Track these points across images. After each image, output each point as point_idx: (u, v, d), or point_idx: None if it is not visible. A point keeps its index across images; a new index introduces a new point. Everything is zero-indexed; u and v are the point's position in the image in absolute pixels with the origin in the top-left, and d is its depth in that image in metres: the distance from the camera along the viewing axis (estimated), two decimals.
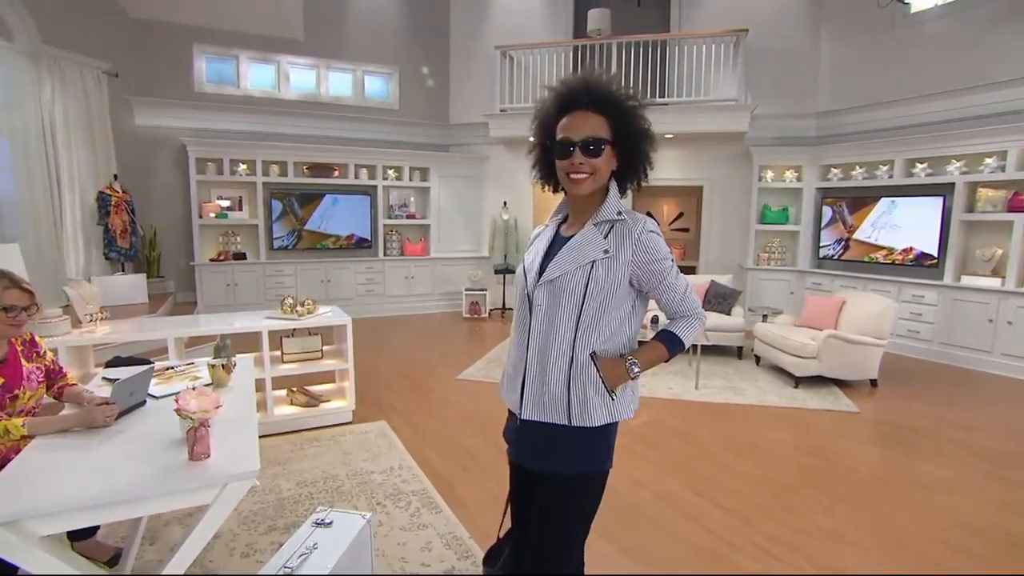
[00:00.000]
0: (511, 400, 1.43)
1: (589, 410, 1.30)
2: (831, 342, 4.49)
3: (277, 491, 2.84)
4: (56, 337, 2.99)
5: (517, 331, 1.42)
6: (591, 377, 1.30)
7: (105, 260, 5.91)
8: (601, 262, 1.28)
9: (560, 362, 1.30)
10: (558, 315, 1.29)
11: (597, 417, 1.31)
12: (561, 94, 1.35)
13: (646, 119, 1.36)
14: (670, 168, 7.48)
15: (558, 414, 1.33)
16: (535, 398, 1.35)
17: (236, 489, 1.55)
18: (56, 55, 5.63)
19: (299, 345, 3.81)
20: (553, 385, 1.32)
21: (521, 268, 1.46)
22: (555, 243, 1.40)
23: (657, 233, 1.32)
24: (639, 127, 1.34)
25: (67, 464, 1.61)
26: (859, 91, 6.51)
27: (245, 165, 7.04)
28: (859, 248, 6.32)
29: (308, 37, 7.52)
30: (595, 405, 1.31)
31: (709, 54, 6.57)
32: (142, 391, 2.04)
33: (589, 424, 1.31)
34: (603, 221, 1.33)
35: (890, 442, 3.64)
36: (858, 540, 2.44)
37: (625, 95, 1.33)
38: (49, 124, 5.58)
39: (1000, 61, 5.34)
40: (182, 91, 6.91)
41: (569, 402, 1.31)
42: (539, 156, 1.44)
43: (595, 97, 1.31)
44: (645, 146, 1.37)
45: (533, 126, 1.42)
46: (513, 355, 1.43)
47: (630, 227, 1.31)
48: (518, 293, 1.43)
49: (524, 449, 1.42)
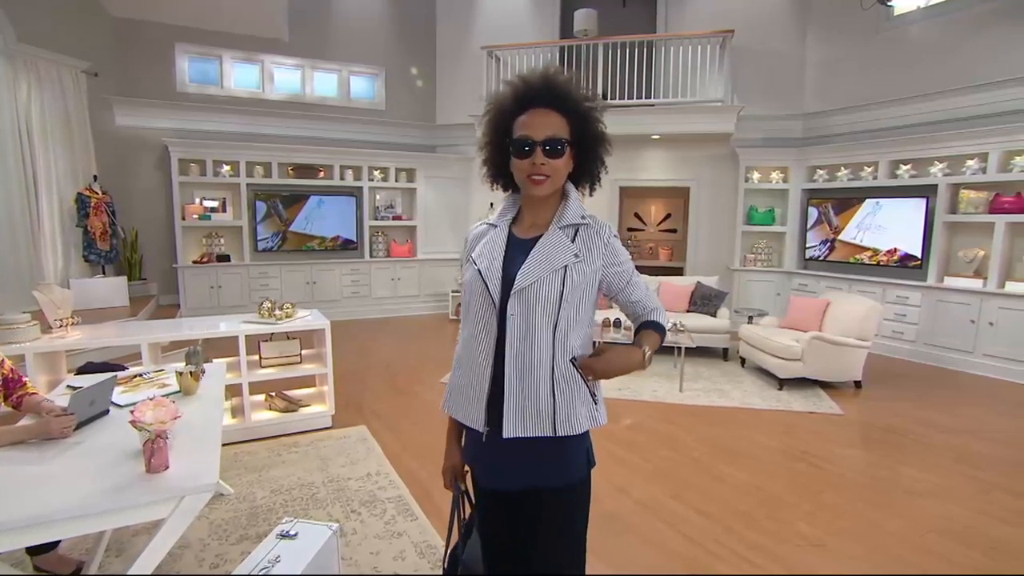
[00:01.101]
0: (473, 417, 1.30)
1: (575, 418, 1.26)
2: (815, 344, 4.49)
3: (251, 499, 2.79)
4: (24, 343, 2.92)
5: (477, 341, 1.29)
6: (574, 384, 1.26)
7: (85, 263, 5.81)
8: (573, 266, 1.25)
9: (543, 372, 1.24)
10: (535, 323, 1.23)
11: (582, 424, 1.27)
12: (520, 90, 1.28)
13: (603, 122, 1.31)
14: (657, 169, 7.48)
15: (543, 426, 1.25)
16: (518, 413, 1.25)
17: (193, 502, 1.50)
18: (32, 54, 5.53)
19: (277, 349, 3.75)
20: (538, 397, 1.24)
21: (475, 273, 1.30)
22: (512, 246, 1.32)
23: (617, 236, 1.34)
24: (596, 130, 1.30)
25: (18, 479, 1.55)
26: (844, 93, 6.54)
27: (229, 166, 6.95)
28: (844, 249, 6.34)
29: (293, 37, 7.45)
30: (579, 413, 1.27)
31: (695, 55, 6.57)
32: (104, 400, 1.98)
33: (574, 432, 1.26)
34: (568, 224, 1.29)
35: (873, 445, 3.63)
36: (839, 548, 2.42)
37: (584, 96, 1.29)
38: (25, 124, 5.48)
39: (983, 63, 5.37)
40: (164, 91, 6.82)
41: (554, 412, 1.25)
42: (491, 154, 1.36)
43: (556, 96, 1.26)
44: (601, 149, 1.33)
45: (484, 121, 1.35)
46: (473, 368, 1.30)
47: (596, 231, 1.29)
48: (477, 301, 1.29)
49: (505, 470, 1.30)
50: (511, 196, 1.41)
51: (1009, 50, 5.20)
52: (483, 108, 1.38)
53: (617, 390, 4.60)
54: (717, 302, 5.77)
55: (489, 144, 1.35)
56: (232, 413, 3.60)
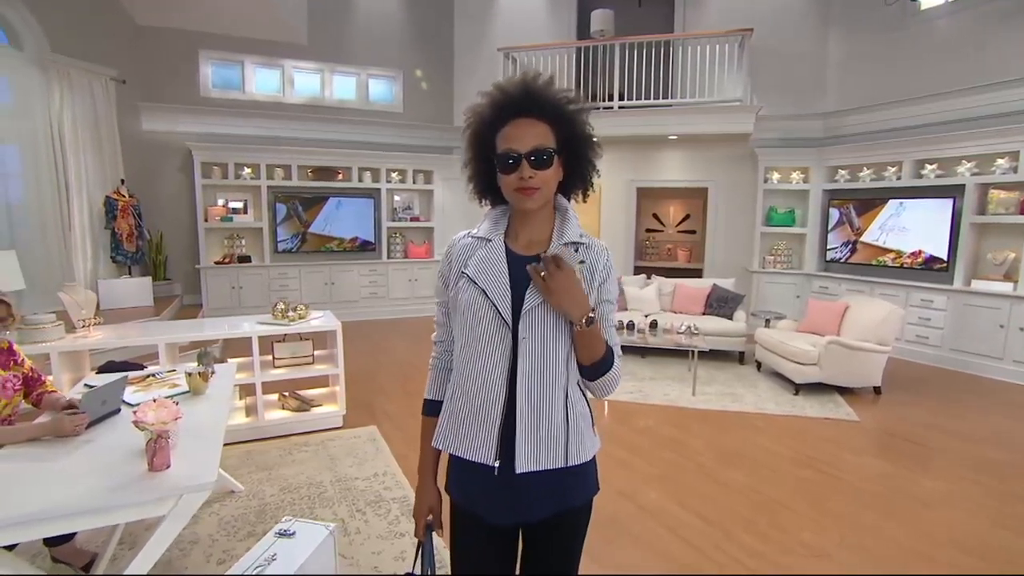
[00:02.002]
0: (481, 451, 1.17)
1: (585, 446, 1.22)
2: (832, 348, 4.40)
3: (260, 496, 2.86)
4: (50, 343, 3.04)
5: (487, 366, 1.16)
6: (582, 411, 1.23)
7: (112, 264, 6.02)
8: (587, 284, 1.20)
9: (558, 398, 1.17)
10: (548, 346, 1.15)
11: (588, 451, 1.23)
12: (499, 100, 1.19)
13: (589, 123, 1.24)
14: (674, 170, 7.41)
15: (556, 457, 1.18)
16: (532, 444, 1.16)
17: (191, 501, 1.55)
18: (65, 63, 5.75)
19: (290, 350, 3.83)
20: (551, 425, 1.17)
21: (475, 291, 1.19)
22: (513, 263, 1.22)
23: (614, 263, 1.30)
24: (583, 132, 1.23)
25: (29, 475, 1.63)
26: (867, 91, 6.38)
27: (250, 169, 7.11)
28: (867, 251, 6.19)
29: (312, 41, 7.59)
30: (587, 439, 1.23)
31: (713, 55, 6.48)
32: (115, 400, 2.06)
33: (581, 460, 1.21)
34: (570, 242, 1.23)
35: (889, 453, 3.55)
36: (843, 558, 2.38)
37: (567, 98, 1.21)
38: (58, 130, 5.70)
39: (1013, 59, 5.18)
40: (188, 96, 7.01)
41: (567, 441, 1.18)
42: (476, 169, 1.29)
43: (538, 103, 1.18)
44: (590, 152, 1.25)
45: (465, 136, 1.27)
46: (482, 395, 1.17)
47: (597, 254, 1.24)
48: (484, 323, 1.17)
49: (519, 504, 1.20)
50: (497, 208, 1.32)
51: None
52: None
53: (628, 393, 4.58)
54: (733, 304, 5.70)
55: (473, 160, 1.28)
56: (246, 412, 3.70)
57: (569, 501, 1.22)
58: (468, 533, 1.27)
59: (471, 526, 1.25)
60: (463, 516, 1.26)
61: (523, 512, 1.20)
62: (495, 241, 1.25)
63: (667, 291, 6.22)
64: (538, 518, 1.21)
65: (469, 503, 1.23)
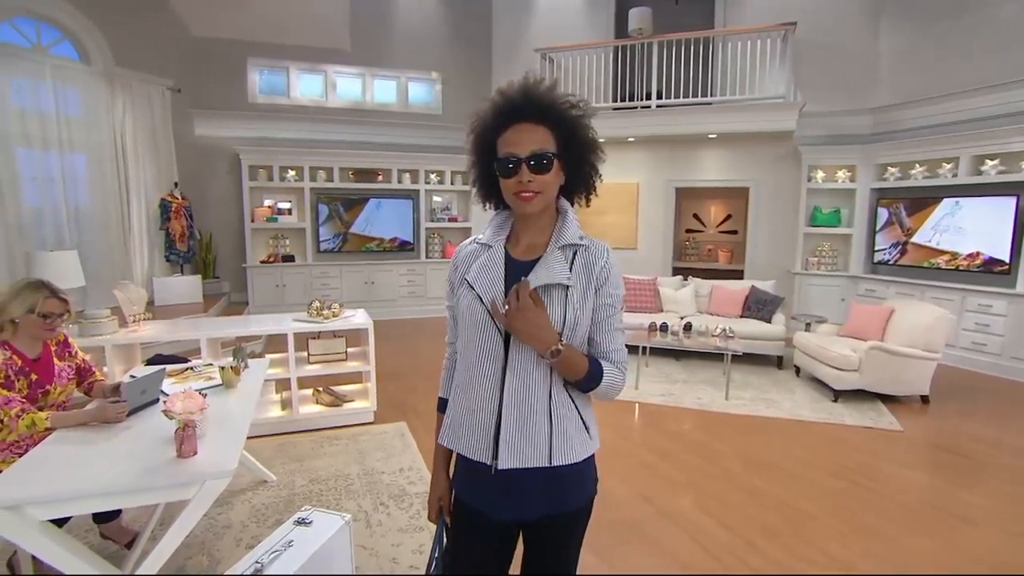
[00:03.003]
0: (479, 450, 1.23)
1: (573, 448, 1.23)
2: (874, 354, 4.21)
3: (291, 487, 2.99)
4: (104, 336, 3.27)
5: (482, 370, 1.22)
6: (569, 413, 1.23)
7: (166, 262, 6.38)
8: (573, 289, 1.20)
9: (540, 401, 1.20)
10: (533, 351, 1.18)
11: (577, 453, 1.24)
12: (500, 105, 1.21)
13: (591, 127, 1.25)
14: (714, 169, 7.25)
15: (539, 457, 1.20)
16: (515, 443, 1.20)
17: (213, 487, 1.65)
18: (127, 75, 6.15)
19: (324, 347, 3.98)
20: (534, 426, 1.20)
21: (472, 297, 1.23)
22: (511, 269, 1.25)
23: (618, 264, 1.26)
24: (585, 137, 1.23)
25: (74, 456, 1.77)
26: (920, 83, 6.05)
27: (294, 171, 7.40)
28: (918, 253, 5.88)
29: (354, 46, 7.82)
30: (575, 441, 1.23)
31: (755, 50, 6.31)
32: (154, 390, 2.21)
33: (570, 461, 1.22)
34: (567, 245, 1.24)
35: (932, 466, 3.38)
36: (868, 572, 2.29)
37: (568, 103, 1.22)
38: (120, 138, 6.10)
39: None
40: (237, 102, 7.36)
41: (551, 442, 1.21)
42: (479, 173, 1.31)
43: (538, 108, 1.20)
44: (592, 157, 1.25)
45: (469, 140, 1.29)
46: (477, 397, 1.23)
47: (595, 255, 1.23)
48: (479, 328, 1.22)
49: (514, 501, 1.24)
50: (501, 213, 1.34)
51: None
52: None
53: (659, 396, 4.53)
54: (772, 307, 5.53)
55: (477, 164, 1.30)
56: (282, 406, 3.86)
57: (563, 502, 1.25)
58: (469, 529, 1.32)
59: (473, 522, 1.30)
60: (466, 510, 1.31)
61: (519, 510, 1.24)
62: (495, 247, 1.28)
63: (704, 293, 6.09)
64: (533, 516, 1.25)
65: (472, 498, 1.28)
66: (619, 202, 7.75)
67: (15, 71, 5.28)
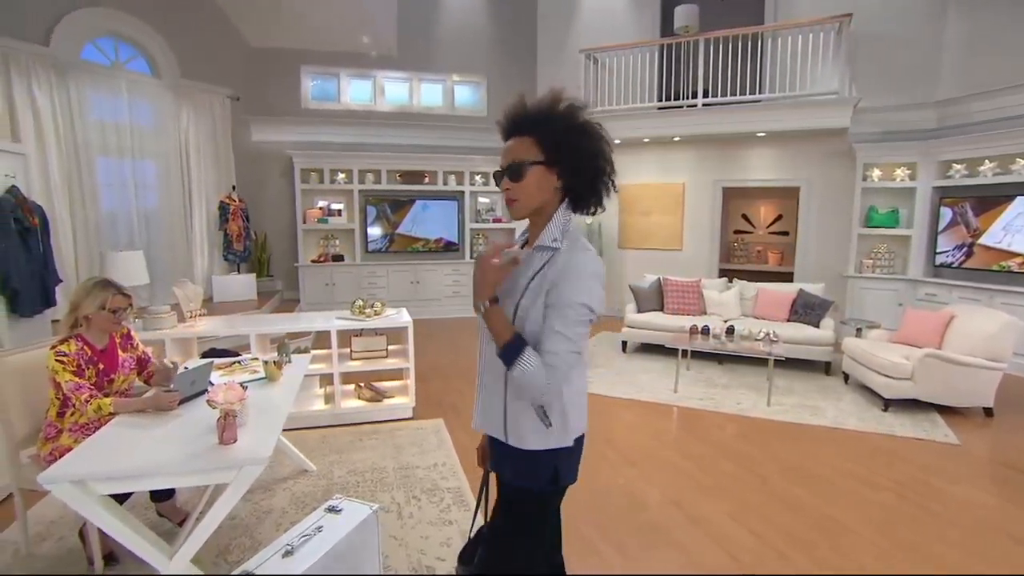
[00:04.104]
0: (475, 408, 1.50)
1: (522, 433, 1.34)
2: (929, 362, 3.99)
3: (329, 476, 3.13)
4: (164, 330, 3.53)
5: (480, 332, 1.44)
6: (523, 405, 1.32)
7: (224, 262, 6.77)
8: (530, 285, 1.30)
9: (498, 379, 1.36)
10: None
11: (530, 442, 1.33)
12: (502, 127, 1.37)
13: (590, 135, 1.29)
14: (763, 168, 7.03)
15: (496, 429, 1.39)
16: (482, 410, 1.44)
17: (250, 472, 1.77)
18: (192, 86, 6.56)
19: (366, 344, 4.13)
20: (492, 402, 1.39)
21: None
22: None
23: (591, 270, 1.27)
24: (576, 142, 1.28)
25: (131, 439, 1.94)
26: (992, 74, 5.65)
27: (344, 174, 7.69)
28: (986, 255, 5.52)
29: (401, 51, 8.04)
30: (527, 430, 1.33)
31: (806, 45, 6.08)
32: (203, 381, 2.37)
33: (521, 447, 1.34)
34: (541, 247, 1.33)
35: (990, 482, 3.18)
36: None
37: (550, 107, 1.29)
38: (184, 145, 6.52)
39: None
40: (290, 108, 7.72)
41: (505, 421, 1.36)
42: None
43: (524, 123, 1.31)
44: (591, 164, 1.30)
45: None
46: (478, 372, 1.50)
47: (562, 258, 1.29)
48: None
49: (494, 458, 1.48)
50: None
51: None
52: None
53: (698, 399, 4.45)
54: (820, 311, 5.32)
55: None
56: (325, 400, 4.04)
57: (512, 477, 1.41)
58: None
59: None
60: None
61: (497, 468, 1.47)
62: (518, 243, 1.52)
63: (749, 295, 5.93)
64: (504, 479, 1.47)
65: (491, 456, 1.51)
66: (664, 203, 7.64)
67: (97, 87, 5.75)
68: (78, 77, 5.55)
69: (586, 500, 2.86)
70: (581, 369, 1.39)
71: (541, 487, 1.38)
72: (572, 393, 1.36)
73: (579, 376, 1.40)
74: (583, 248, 1.31)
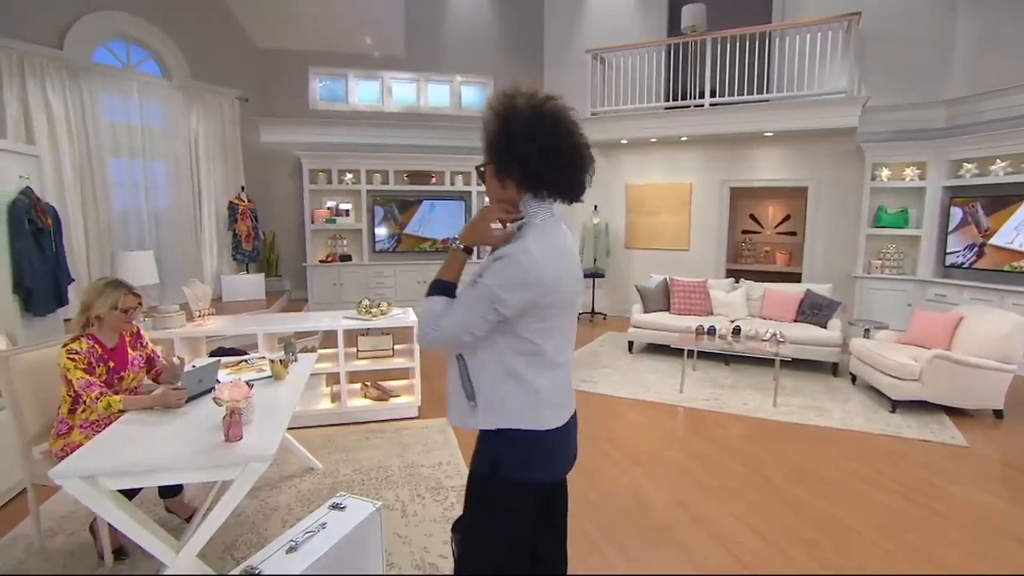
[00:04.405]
0: None
1: (451, 406, 1.43)
2: (937, 363, 3.96)
3: (335, 475, 3.16)
4: (173, 329, 3.58)
5: None
6: (453, 371, 1.41)
7: (233, 261, 6.84)
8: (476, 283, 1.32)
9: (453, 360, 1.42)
10: None
11: (455, 417, 1.42)
12: None
13: (508, 114, 1.28)
14: (770, 168, 7.00)
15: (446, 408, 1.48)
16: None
17: (254, 469, 1.80)
18: (201, 87, 6.63)
19: (372, 344, 4.16)
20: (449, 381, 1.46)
21: None
22: None
23: (515, 261, 1.26)
24: (501, 129, 1.29)
25: (139, 436, 1.97)
26: (1005, 72, 5.58)
27: (351, 174, 7.74)
28: (997, 255, 5.45)
29: (409, 52, 8.08)
30: (454, 403, 1.42)
31: (815, 43, 6.04)
32: (210, 379, 2.41)
33: (452, 423, 1.43)
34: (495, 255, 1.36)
35: (997, 485, 3.15)
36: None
37: (488, 105, 1.34)
38: (194, 146, 6.60)
39: None
40: (299, 110, 7.78)
41: (448, 399, 1.44)
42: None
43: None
44: (520, 152, 1.27)
45: None
46: None
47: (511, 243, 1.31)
48: None
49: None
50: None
51: None
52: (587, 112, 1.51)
53: (703, 400, 4.45)
54: (828, 312, 5.29)
55: None
56: (331, 398, 4.07)
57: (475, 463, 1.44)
58: None
59: None
60: None
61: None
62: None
63: (756, 296, 5.90)
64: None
65: None
66: (671, 203, 7.62)
67: (109, 89, 5.84)
68: (90, 79, 5.63)
69: (589, 499, 2.87)
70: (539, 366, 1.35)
71: (483, 472, 1.39)
72: (514, 383, 1.34)
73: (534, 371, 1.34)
74: (523, 250, 1.27)
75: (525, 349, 1.33)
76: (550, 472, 1.44)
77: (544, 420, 1.37)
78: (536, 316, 1.30)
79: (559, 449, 1.44)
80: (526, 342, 1.32)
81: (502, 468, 1.37)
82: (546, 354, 1.35)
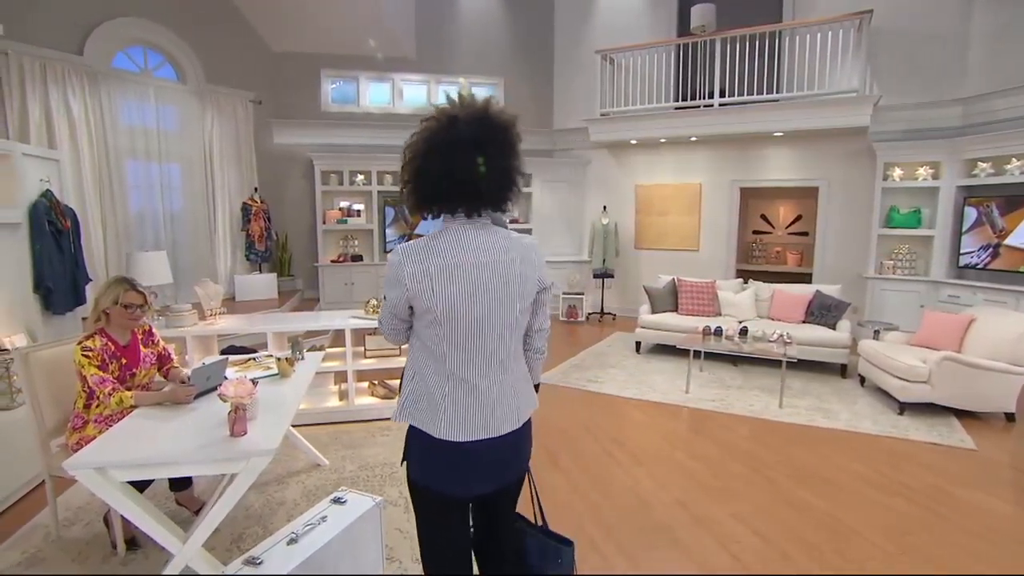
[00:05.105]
0: None
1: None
2: (947, 365, 3.92)
3: (341, 471, 3.22)
4: (185, 328, 3.67)
5: None
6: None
7: (246, 261, 6.96)
8: None
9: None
10: None
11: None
12: None
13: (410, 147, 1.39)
14: (781, 168, 6.96)
15: None
16: None
17: (257, 463, 1.85)
18: (215, 90, 6.76)
19: (379, 343, 4.22)
20: None
21: None
22: None
23: (390, 258, 1.41)
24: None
25: (149, 430, 2.04)
26: (1019, 69, 5.47)
27: (363, 176, 7.82)
28: (1012, 256, 5.37)
29: (419, 54, 8.14)
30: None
31: (825, 42, 6.00)
32: (218, 376, 2.47)
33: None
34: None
35: (1002, 487, 3.12)
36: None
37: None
38: (208, 148, 6.72)
39: None
40: (311, 112, 7.89)
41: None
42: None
43: None
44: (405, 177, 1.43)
45: None
46: None
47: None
48: None
49: None
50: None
51: None
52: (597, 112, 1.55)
53: (709, 401, 4.44)
54: (837, 313, 5.25)
55: None
56: (339, 396, 4.14)
57: None
58: None
59: None
60: None
61: None
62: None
63: (764, 297, 5.87)
64: None
65: None
66: (681, 203, 7.60)
67: (127, 94, 5.98)
68: (109, 84, 5.77)
69: (591, 499, 2.90)
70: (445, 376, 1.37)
71: (401, 460, 1.49)
72: (420, 382, 1.40)
73: (438, 379, 1.37)
74: (394, 251, 1.39)
75: (429, 353, 1.39)
76: (459, 486, 1.41)
77: (439, 429, 1.35)
78: (424, 320, 1.36)
79: (466, 464, 1.38)
80: (427, 347, 1.39)
81: (409, 465, 1.46)
82: (450, 366, 1.36)
